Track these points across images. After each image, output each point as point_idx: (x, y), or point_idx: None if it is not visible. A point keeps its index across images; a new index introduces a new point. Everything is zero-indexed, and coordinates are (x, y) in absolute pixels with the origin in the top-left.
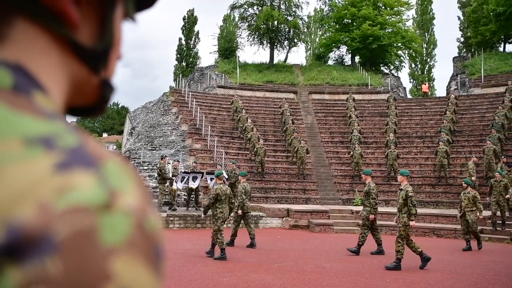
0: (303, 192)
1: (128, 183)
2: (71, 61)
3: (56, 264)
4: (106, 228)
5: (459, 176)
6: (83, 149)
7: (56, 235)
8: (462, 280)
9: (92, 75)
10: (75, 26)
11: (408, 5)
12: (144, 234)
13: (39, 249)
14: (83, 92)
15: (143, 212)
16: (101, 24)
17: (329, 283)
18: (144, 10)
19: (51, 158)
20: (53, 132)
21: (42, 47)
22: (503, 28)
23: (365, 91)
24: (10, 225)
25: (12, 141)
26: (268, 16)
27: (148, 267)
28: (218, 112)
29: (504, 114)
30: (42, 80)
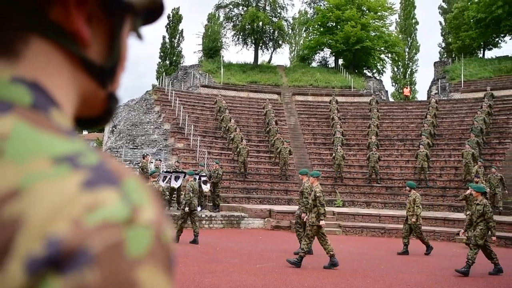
0: (285, 192)
1: (146, 198)
2: (81, 77)
3: (94, 274)
4: (131, 241)
5: (438, 179)
6: (104, 167)
7: (91, 249)
8: (440, 281)
9: (100, 89)
10: (86, 45)
11: (391, 10)
12: (162, 245)
13: (78, 261)
14: (90, 105)
15: (160, 225)
16: (110, 42)
17: (310, 284)
18: (149, 25)
19: (77, 176)
20: (76, 151)
21: (56, 65)
22: (483, 35)
23: (348, 94)
24: (50, 240)
25: (42, 159)
26: (253, 16)
27: (165, 275)
28: (201, 112)
29: (483, 119)
30: (56, 97)
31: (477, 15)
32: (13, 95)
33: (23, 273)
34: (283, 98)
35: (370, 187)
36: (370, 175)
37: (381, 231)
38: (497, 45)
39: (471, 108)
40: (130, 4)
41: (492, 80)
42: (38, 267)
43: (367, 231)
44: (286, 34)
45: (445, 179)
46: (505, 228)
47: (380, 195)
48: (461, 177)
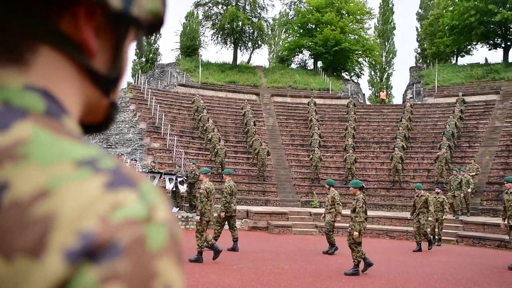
0: (263, 193)
1: (159, 199)
2: (87, 86)
3: (124, 264)
4: (151, 237)
5: (412, 181)
6: (121, 170)
7: (120, 242)
8: (412, 280)
9: (103, 98)
10: (93, 55)
11: (370, 14)
12: (174, 240)
13: (109, 252)
14: (93, 112)
15: (172, 223)
16: (114, 53)
17: (287, 284)
18: (151, 34)
19: (99, 178)
20: (94, 155)
21: (64, 73)
22: (456, 42)
23: (326, 96)
24: (82, 234)
25: (65, 163)
26: (233, 16)
27: (178, 267)
28: (178, 111)
29: (454, 123)
30: (65, 104)
31: (451, 23)
32: (27, 102)
33: (62, 263)
34: (261, 99)
35: (346, 188)
36: (346, 177)
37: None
38: (469, 52)
39: (443, 113)
40: (136, 18)
41: (464, 86)
42: (75, 257)
43: (343, 231)
44: (265, 34)
45: (418, 180)
46: (473, 228)
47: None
48: (433, 179)
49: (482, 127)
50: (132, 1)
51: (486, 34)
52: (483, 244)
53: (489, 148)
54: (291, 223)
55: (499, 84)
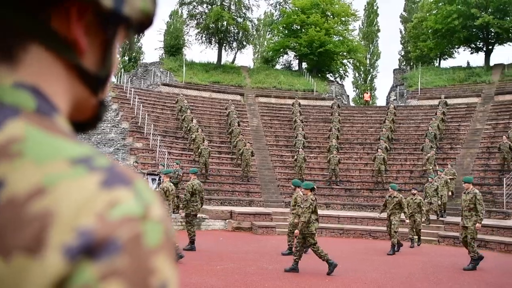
0: (247, 194)
1: (153, 197)
2: (77, 85)
3: (123, 260)
4: (148, 234)
5: (394, 182)
6: (116, 169)
7: (119, 239)
8: (394, 279)
9: (92, 97)
10: (83, 54)
11: (355, 16)
12: (168, 237)
13: (108, 249)
14: (82, 111)
15: (166, 221)
16: (104, 52)
17: (271, 284)
18: (141, 33)
19: (95, 176)
20: (88, 154)
21: (54, 72)
22: (439, 45)
23: (311, 97)
24: (81, 231)
25: (60, 161)
26: (218, 16)
27: (172, 263)
28: (161, 111)
29: (437, 125)
30: (55, 102)
31: (434, 26)
32: (18, 100)
33: (62, 260)
34: (246, 99)
35: (330, 189)
36: (330, 177)
37: (340, 232)
38: (452, 55)
39: (426, 115)
40: (127, 17)
41: (446, 89)
42: (74, 254)
43: (326, 231)
44: (250, 35)
45: (401, 181)
46: (454, 228)
47: (339, 197)
48: (416, 180)
49: (464, 129)
50: (123, 0)
51: (468, 37)
52: None
53: (470, 150)
54: (275, 224)
55: (481, 87)
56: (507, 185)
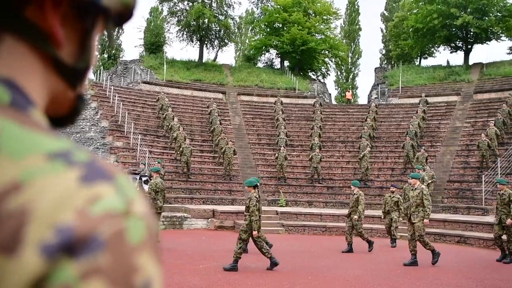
0: (229, 193)
1: (135, 193)
2: (53, 77)
3: (106, 258)
4: (131, 230)
5: (376, 179)
6: (96, 164)
7: (101, 235)
8: (376, 275)
9: (70, 90)
10: (60, 45)
11: (336, 15)
12: (151, 234)
13: (90, 246)
14: (58, 105)
15: (149, 217)
16: (81, 43)
17: (254, 283)
18: (120, 26)
19: (74, 171)
20: (66, 148)
21: (30, 63)
22: (420, 44)
23: (293, 95)
24: (59, 228)
25: (36, 156)
26: (199, 13)
27: (156, 260)
28: (142, 109)
29: (417, 123)
30: (31, 96)
31: (415, 25)
32: None
33: (39, 258)
34: (228, 97)
35: (312, 187)
36: (312, 176)
37: (322, 230)
38: (432, 54)
39: (407, 113)
40: (106, 8)
41: (427, 87)
42: (52, 252)
43: (309, 229)
44: (232, 32)
45: (383, 179)
46: (434, 224)
47: (321, 194)
48: (397, 177)
49: (444, 127)
50: None
51: (448, 37)
52: (444, 240)
53: (450, 147)
54: None
55: (460, 85)
56: (486, 182)
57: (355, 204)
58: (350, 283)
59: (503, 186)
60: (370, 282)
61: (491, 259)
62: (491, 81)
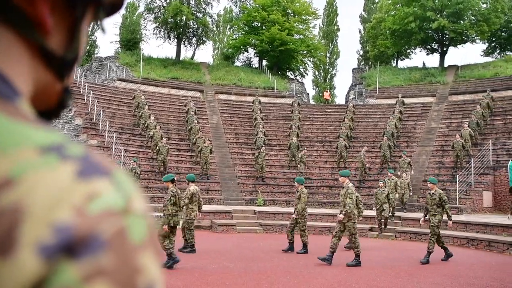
0: (207, 192)
1: (134, 190)
2: (40, 68)
3: (107, 259)
4: (132, 229)
5: (353, 179)
6: (91, 158)
7: (102, 234)
8: (354, 274)
9: (57, 82)
10: (48, 34)
11: (315, 15)
12: (151, 233)
13: (91, 246)
14: (44, 97)
15: (148, 214)
16: (71, 33)
17: (232, 282)
18: (111, 16)
19: (68, 166)
20: (58, 141)
21: (16, 52)
22: (396, 45)
23: (271, 95)
24: (57, 227)
25: (28, 149)
26: (176, 10)
27: (157, 261)
28: (117, 107)
29: (394, 124)
30: (18, 86)
31: (392, 27)
32: None
33: (37, 259)
34: (205, 96)
35: (290, 186)
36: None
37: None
38: (408, 56)
39: (384, 113)
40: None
41: (403, 88)
42: (51, 253)
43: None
44: (210, 30)
45: (360, 179)
46: (410, 223)
47: None
48: (374, 177)
49: (420, 128)
50: None
51: (424, 39)
52: (419, 239)
53: (425, 148)
54: (235, 222)
55: (435, 87)
56: (460, 182)
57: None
58: (328, 282)
59: (433, 186)
60: (348, 281)
61: (465, 257)
62: (466, 83)
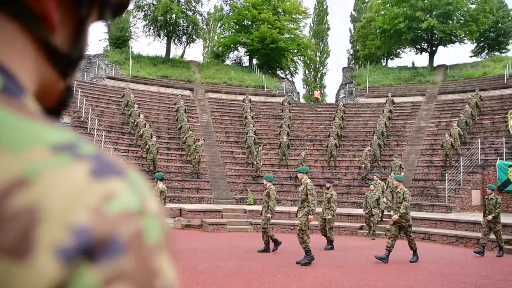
0: (197, 191)
1: (148, 190)
2: (44, 64)
3: (128, 262)
4: (148, 230)
5: (344, 178)
6: (104, 157)
7: (121, 237)
8: (344, 273)
9: (60, 80)
10: (54, 29)
11: (305, 14)
12: (166, 234)
13: (111, 249)
14: (46, 95)
15: (162, 216)
16: (76, 31)
17: (223, 282)
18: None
19: (82, 165)
20: (70, 140)
21: (21, 47)
22: (386, 45)
23: (261, 93)
24: (76, 229)
25: (39, 148)
26: (166, 8)
27: (173, 262)
28: (106, 105)
29: (384, 123)
30: (23, 82)
31: (382, 26)
32: None
33: (55, 263)
34: (195, 94)
35: (281, 185)
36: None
37: (291, 228)
38: (398, 55)
39: (374, 112)
40: None
41: (393, 87)
42: (70, 256)
43: (277, 227)
44: (200, 29)
45: (350, 177)
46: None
47: (289, 193)
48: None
49: (409, 127)
50: None
51: (414, 39)
52: None
53: (415, 146)
54: (225, 221)
55: (425, 86)
56: (449, 181)
57: (266, 199)
58: (319, 280)
59: (399, 183)
60: (339, 279)
61: (454, 255)
62: (454, 83)
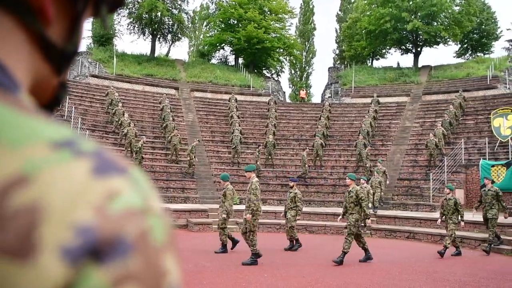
0: (182, 191)
1: (150, 188)
2: (38, 59)
3: (136, 262)
4: (154, 229)
5: (329, 177)
6: (105, 155)
7: (127, 236)
8: (331, 272)
9: (54, 76)
10: (49, 23)
11: (291, 13)
12: (170, 233)
13: (118, 249)
14: (40, 91)
15: (165, 214)
16: (71, 26)
17: (209, 281)
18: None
19: (83, 163)
20: (70, 136)
21: (16, 41)
22: (372, 45)
23: (247, 93)
24: (80, 228)
25: (39, 144)
26: (151, 6)
27: (177, 261)
28: (90, 104)
29: (369, 123)
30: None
31: (368, 27)
32: None
33: (61, 264)
34: (181, 93)
35: (267, 185)
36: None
37: (277, 227)
38: (384, 55)
39: (359, 112)
40: None
41: (378, 88)
42: (75, 257)
43: (263, 227)
44: (186, 27)
45: (335, 177)
46: (385, 221)
47: (275, 192)
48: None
49: (394, 127)
50: None
51: (399, 39)
52: (394, 236)
53: (400, 146)
54: (211, 220)
55: (410, 87)
56: (433, 180)
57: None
58: (305, 280)
59: (351, 182)
60: (326, 279)
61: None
62: (439, 83)
